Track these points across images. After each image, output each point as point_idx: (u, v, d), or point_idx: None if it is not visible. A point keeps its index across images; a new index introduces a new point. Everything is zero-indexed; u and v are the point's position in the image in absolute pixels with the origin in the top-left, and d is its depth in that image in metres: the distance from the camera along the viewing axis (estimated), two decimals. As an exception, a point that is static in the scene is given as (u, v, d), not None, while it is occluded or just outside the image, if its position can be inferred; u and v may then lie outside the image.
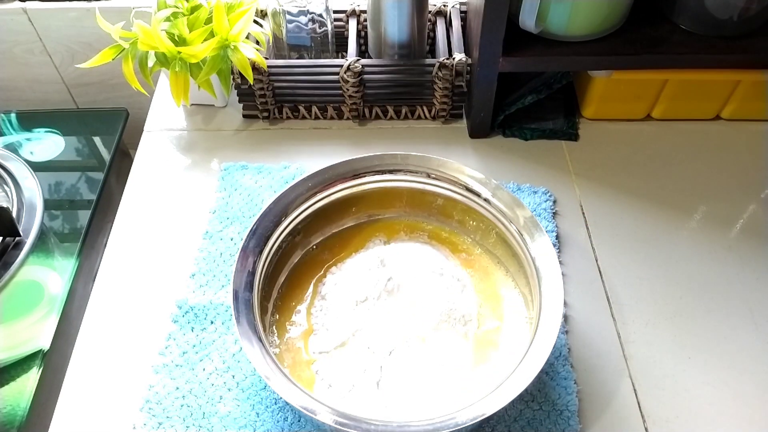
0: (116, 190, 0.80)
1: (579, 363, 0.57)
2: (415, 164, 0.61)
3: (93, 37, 0.90)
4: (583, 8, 0.65)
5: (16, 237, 0.68)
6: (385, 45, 0.74)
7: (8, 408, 0.58)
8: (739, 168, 0.72)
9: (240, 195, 0.70)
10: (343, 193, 0.61)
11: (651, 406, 0.55)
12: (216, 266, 0.64)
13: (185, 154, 0.76)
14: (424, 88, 0.75)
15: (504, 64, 0.67)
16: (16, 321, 0.64)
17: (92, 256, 0.74)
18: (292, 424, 0.53)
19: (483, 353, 0.56)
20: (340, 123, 0.78)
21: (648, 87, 0.73)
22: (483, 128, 0.76)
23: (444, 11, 0.79)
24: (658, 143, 0.75)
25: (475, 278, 0.61)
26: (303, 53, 0.77)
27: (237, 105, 0.79)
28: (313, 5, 0.73)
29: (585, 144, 0.76)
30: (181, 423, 0.54)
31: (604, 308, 0.61)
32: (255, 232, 0.56)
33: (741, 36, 0.68)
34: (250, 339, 0.49)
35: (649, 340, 0.59)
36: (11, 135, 0.85)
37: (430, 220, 0.65)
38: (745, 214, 0.68)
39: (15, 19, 0.88)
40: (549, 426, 0.53)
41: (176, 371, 0.57)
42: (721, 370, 0.57)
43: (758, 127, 0.76)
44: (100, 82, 0.97)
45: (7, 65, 0.94)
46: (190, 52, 0.67)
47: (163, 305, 0.61)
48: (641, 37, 0.69)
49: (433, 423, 0.45)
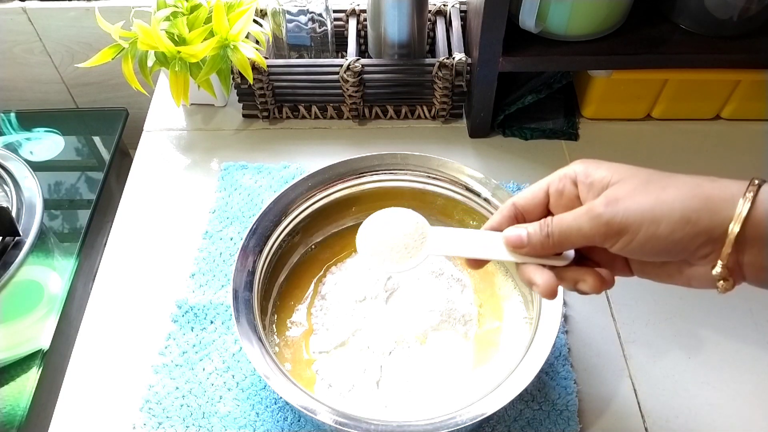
0: (116, 189, 0.80)
1: (579, 363, 0.57)
2: (415, 164, 0.61)
3: (93, 37, 0.90)
4: (583, 8, 0.65)
5: (15, 237, 0.68)
6: (385, 45, 0.74)
7: (8, 408, 0.58)
8: (739, 168, 0.72)
9: (240, 195, 0.70)
10: (343, 193, 0.61)
11: (651, 406, 0.55)
12: (216, 266, 0.64)
13: (185, 153, 0.76)
14: (424, 88, 0.75)
15: (504, 63, 0.67)
16: (16, 321, 0.64)
17: (92, 255, 0.74)
18: (292, 424, 0.53)
19: (483, 353, 0.56)
20: (340, 123, 0.78)
21: (648, 87, 0.73)
22: (483, 128, 0.76)
23: (444, 11, 0.79)
24: (658, 143, 0.75)
25: (475, 278, 0.61)
26: (303, 53, 0.77)
27: (237, 105, 0.79)
28: (313, 5, 0.73)
29: (585, 144, 0.76)
30: (181, 423, 0.53)
31: (604, 308, 0.61)
32: (255, 231, 0.56)
33: (741, 36, 0.68)
34: (250, 339, 0.49)
35: (649, 340, 0.59)
36: (11, 135, 0.85)
37: (431, 220, 0.64)
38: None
39: (15, 18, 0.88)
40: (549, 426, 0.53)
41: (176, 371, 0.57)
42: (721, 370, 0.57)
43: (758, 127, 0.76)
44: (100, 82, 0.97)
45: (7, 65, 0.94)
46: (190, 52, 0.66)
47: (162, 305, 0.61)
48: (641, 37, 0.69)
49: (433, 423, 0.45)
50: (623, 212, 0.35)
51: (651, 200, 0.35)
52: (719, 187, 0.35)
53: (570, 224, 0.37)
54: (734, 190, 0.34)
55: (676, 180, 0.36)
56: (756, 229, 0.33)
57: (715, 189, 0.35)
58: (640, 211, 0.35)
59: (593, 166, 0.38)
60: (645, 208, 0.35)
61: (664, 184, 0.35)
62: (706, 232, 0.34)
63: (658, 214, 0.35)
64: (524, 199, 0.41)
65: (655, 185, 0.35)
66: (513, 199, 0.41)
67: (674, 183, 0.35)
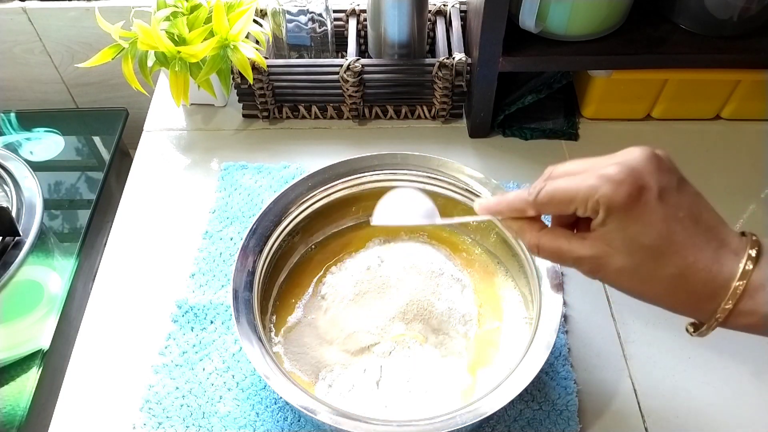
0: (116, 189, 0.80)
1: (579, 363, 0.57)
2: (415, 164, 0.61)
3: (93, 37, 0.90)
4: (583, 8, 0.65)
5: (15, 237, 0.68)
6: (385, 45, 0.74)
7: (8, 408, 0.58)
8: (739, 168, 0.72)
9: (240, 195, 0.70)
10: (343, 193, 0.61)
11: (651, 406, 0.55)
12: (216, 266, 0.64)
13: (185, 153, 0.76)
14: (424, 88, 0.75)
15: (504, 63, 0.67)
16: (16, 321, 0.64)
17: (92, 255, 0.74)
18: (292, 424, 0.53)
19: (483, 353, 0.56)
20: (340, 123, 0.78)
21: (648, 87, 0.73)
22: (483, 128, 0.76)
23: (444, 11, 0.79)
24: (658, 143, 0.74)
25: (475, 278, 0.61)
26: (303, 53, 0.77)
27: (237, 105, 0.79)
28: (313, 5, 0.73)
29: (585, 144, 0.76)
30: (180, 423, 0.54)
31: (604, 308, 0.61)
32: (255, 231, 0.56)
33: (741, 36, 0.68)
34: (250, 339, 0.49)
35: (649, 340, 0.59)
36: (11, 135, 0.85)
37: (430, 220, 0.64)
38: (745, 214, 0.68)
39: (15, 18, 0.88)
40: (549, 426, 0.53)
41: (176, 371, 0.57)
42: (721, 370, 0.57)
43: (758, 127, 0.76)
44: (100, 82, 0.97)
45: (7, 65, 0.94)
46: (190, 52, 0.66)
47: (162, 305, 0.61)
48: (641, 37, 0.69)
49: (433, 423, 0.45)
50: (607, 280, 0.38)
51: (635, 288, 0.37)
52: (705, 280, 0.35)
53: (561, 246, 0.39)
54: (720, 284, 0.35)
55: (663, 269, 0.35)
56: (748, 314, 0.35)
57: (699, 284, 0.35)
58: (623, 288, 0.38)
59: (626, 220, 0.36)
60: (627, 291, 0.38)
61: (651, 274, 0.36)
62: (691, 312, 0.37)
63: (641, 298, 0.38)
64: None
65: (644, 270, 0.36)
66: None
67: (660, 275, 0.36)
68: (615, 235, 0.35)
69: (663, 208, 0.34)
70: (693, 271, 0.35)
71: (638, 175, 0.35)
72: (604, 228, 0.36)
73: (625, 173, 0.34)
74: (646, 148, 0.36)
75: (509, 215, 0.41)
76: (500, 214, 0.42)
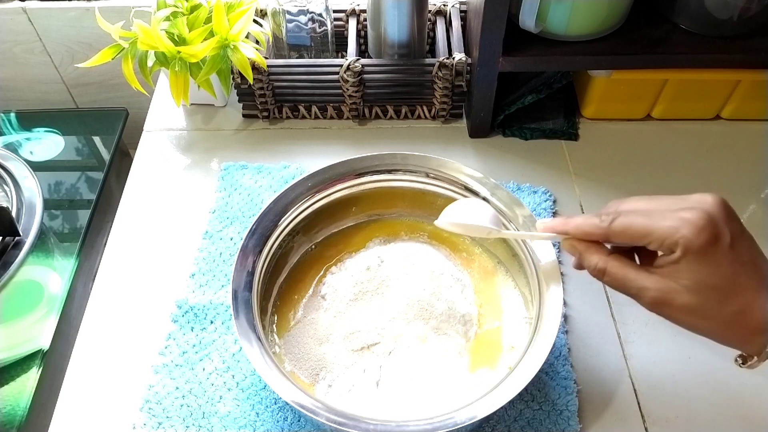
0: (116, 189, 0.80)
1: (579, 363, 0.57)
2: (414, 164, 0.61)
3: (93, 37, 0.90)
4: (583, 8, 0.65)
5: (15, 237, 0.68)
6: (385, 45, 0.74)
7: (8, 408, 0.58)
8: (739, 168, 0.72)
9: (240, 195, 0.70)
10: (343, 193, 0.61)
11: (651, 406, 0.55)
12: (216, 266, 0.64)
13: (185, 153, 0.76)
14: (423, 88, 0.75)
15: (504, 63, 0.67)
16: (16, 321, 0.64)
17: (92, 255, 0.74)
18: (292, 424, 0.53)
19: (483, 353, 0.56)
20: (340, 123, 0.78)
21: (648, 87, 0.73)
22: (483, 128, 0.76)
23: (444, 11, 0.79)
24: (658, 143, 0.75)
25: (475, 278, 0.61)
26: (303, 53, 0.77)
27: (237, 105, 0.79)
28: (313, 5, 0.73)
29: (585, 144, 0.76)
30: (180, 423, 0.54)
31: (604, 308, 0.61)
32: (255, 231, 0.56)
33: (741, 36, 0.68)
34: (250, 339, 0.49)
35: (649, 340, 0.59)
36: (11, 135, 0.85)
37: (431, 220, 0.64)
38: (745, 214, 0.68)
39: (15, 18, 0.88)
40: (549, 426, 0.53)
41: (176, 371, 0.57)
42: (721, 370, 0.57)
43: (758, 127, 0.76)
44: (100, 82, 0.97)
45: (7, 65, 0.94)
46: (190, 52, 0.67)
47: (162, 305, 0.61)
48: (641, 37, 0.69)
49: (432, 423, 0.45)
50: (668, 314, 0.41)
51: (695, 324, 0.41)
52: (760, 317, 0.39)
53: (627, 275, 0.42)
54: None
55: (726, 308, 0.39)
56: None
57: (754, 321, 0.39)
58: (682, 323, 0.42)
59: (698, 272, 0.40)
60: (685, 325, 0.42)
61: (714, 312, 0.40)
62: (743, 345, 0.42)
63: (696, 331, 0.42)
64: None
65: (707, 308, 0.40)
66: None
67: (722, 313, 0.39)
68: (686, 275, 0.39)
69: (732, 253, 0.38)
70: (751, 309, 0.39)
71: (715, 222, 0.38)
72: (675, 266, 0.39)
73: (706, 220, 0.38)
74: (717, 197, 0.40)
75: (576, 236, 0.44)
76: (568, 234, 0.45)
